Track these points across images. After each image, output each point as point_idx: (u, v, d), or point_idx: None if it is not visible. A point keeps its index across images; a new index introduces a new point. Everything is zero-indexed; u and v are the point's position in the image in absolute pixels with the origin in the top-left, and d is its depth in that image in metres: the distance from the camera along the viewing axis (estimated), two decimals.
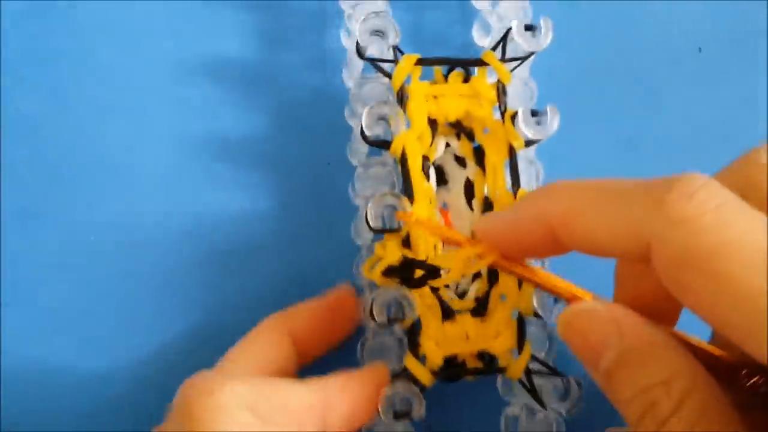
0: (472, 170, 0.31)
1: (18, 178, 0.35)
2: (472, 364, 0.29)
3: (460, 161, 0.31)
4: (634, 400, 0.21)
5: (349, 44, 0.32)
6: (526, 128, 0.30)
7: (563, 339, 0.24)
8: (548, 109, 0.30)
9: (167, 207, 0.35)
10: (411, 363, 0.28)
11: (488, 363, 0.29)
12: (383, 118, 0.29)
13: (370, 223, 0.28)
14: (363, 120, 0.28)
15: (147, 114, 0.35)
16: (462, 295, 0.30)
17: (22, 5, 0.36)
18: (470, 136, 0.31)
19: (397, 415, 0.27)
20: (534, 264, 0.26)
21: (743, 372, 0.23)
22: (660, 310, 0.24)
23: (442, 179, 0.31)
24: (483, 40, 0.34)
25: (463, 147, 0.31)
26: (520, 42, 0.30)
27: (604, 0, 0.36)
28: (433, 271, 0.28)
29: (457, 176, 0.31)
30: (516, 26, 0.30)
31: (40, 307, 0.34)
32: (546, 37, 0.30)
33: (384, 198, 0.28)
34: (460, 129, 0.31)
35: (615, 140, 0.35)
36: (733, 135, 0.35)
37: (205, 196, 0.34)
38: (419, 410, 0.27)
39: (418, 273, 0.28)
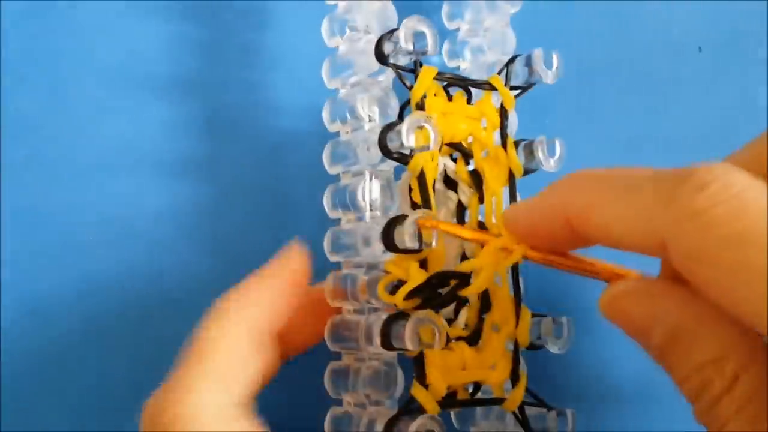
0: (466, 194, 0.30)
1: (18, 178, 0.35)
2: (462, 395, 0.29)
3: (451, 184, 0.30)
4: (689, 378, 0.21)
5: (342, 45, 0.30)
6: (543, 159, 0.30)
7: (609, 319, 0.23)
8: (557, 143, 0.30)
9: (167, 207, 0.35)
10: (419, 393, 0.27)
11: (473, 394, 0.29)
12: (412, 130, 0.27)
13: (407, 243, 0.26)
14: (404, 129, 0.26)
15: (147, 114, 0.35)
16: (449, 323, 0.29)
17: (22, 5, 0.36)
18: (466, 159, 0.30)
19: None
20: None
21: None
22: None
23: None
24: (454, 62, 0.33)
25: (459, 169, 0.30)
26: (540, 73, 0.30)
27: (603, 0, 0.36)
28: (464, 279, 0.27)
29: (442, 199, 0.30)
30: (536, 56, 0.30)
31: (40, 307, 0.34)
32: (557, 72, 0.30)
33: (418, 216, 0.27)
34: (458, 150, 0.30)
35: (615, 140, 0.35)
36: (733, 135, 0.34)
37: (205, 196, 0.35)
38: None
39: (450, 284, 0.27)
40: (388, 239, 0.27)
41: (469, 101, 0.30)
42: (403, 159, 0.28)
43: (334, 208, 0.30)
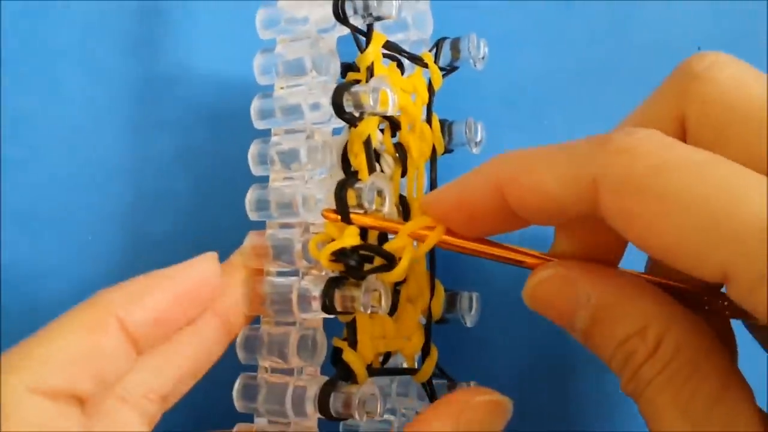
0: (389, 165, 0.30)
1: (18, 178, 0.35)
2: (376, 363, 0.28)
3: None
4: (615, 354, 0.22)
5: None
6: (469, 139, 0.31)
7: (532, 308, 0.24)
8: (479, 126, 0.31)
9: (166, 207, 0.35)
10: (351, 358, 0.27)
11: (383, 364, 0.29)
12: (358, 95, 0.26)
13: (365, 204, 0.26)
14: (369, 91, 0.26)
15: (146, 114, 0.36)
16: None
17: (22, 4, 0.37)
18: (393, 131, 0.30)
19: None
20: None
21: (704, 299, 0.24)
22: (604, 252, 0.24)
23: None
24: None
25: (385, 140, 0.30)
26: (471, 57, 0.31)
27: (603, 0, 0.36)
28: (391, 260, 0.26)
29: None
30: (471, 39, 0.31)
31: (40, 307, 0.34)
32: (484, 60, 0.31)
33: (378, 180, 0.26)
34: (388, 120, 0.29)
35: None
36: None
37: (204, 197, 0.35)
38: (382, 408, 0.27)
39: (378, 261, 0.27)
40: (341, 200, 0.26)
41: (401, 74, 0.30)
42: (352, 121, 0.27)
43: (261, 164, 0.28)
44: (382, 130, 0.30)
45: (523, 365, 0.33)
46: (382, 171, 0.30)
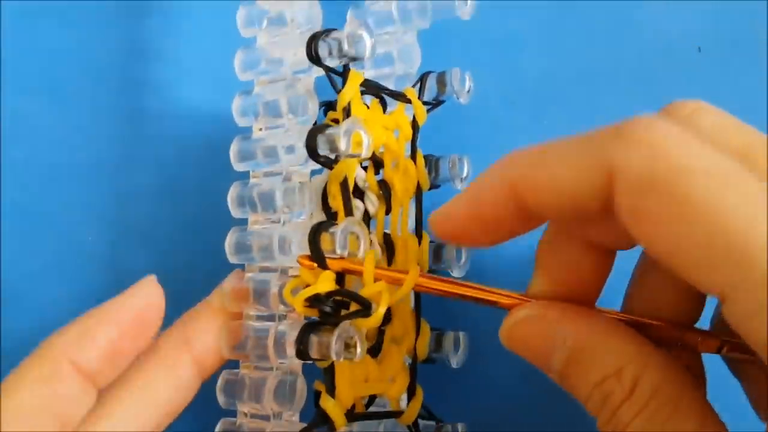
0: (373, 204, 0.29)
1: (18, 178, 0.35)
2: (360, 408, 0.28)
3: (357, 192, 0.29)
4: (591, 396, 0.22)
5: (260, 36, 0.29)
6: (453, 177, 0.30)
7: (509, 349, 0.24)
8: (465, 161, 0.31)
9: (166, 207, 0.35)
10: (329, 404, 0.26)
11: (367, 406, 0.29)
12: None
13: (337, 250, 0.25)
14: (341, 134, 0.25)
15: (146, 115, 0.36)
16: None
17: (22, 5, 0.37)
18: (376, 168, 0.30)
19: None
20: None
21: (677, 335, 0.23)
22: (582, 292, 0.24)
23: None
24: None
25: (369, 178, 0.29)
26: (456, 91, 0.30)
27: (603, 0, 0.36)
28: (367, 307, 0.26)
29: None
30: (454, 73, 0.30)
31: (40, 307, 0.34)
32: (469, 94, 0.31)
33: (351, 224, 0.26)
34: (371, 159, 0.29)
35: None
36: None
37: (203, 198, 0.35)
38: None
39: (353, 307, 0.26)
40: (314, 245, 0.26)
41: (384, 111, 0.30)
42: (328, 163, 0.27)
43: (240, 207, 0.28)
44: (365, 168, 0.30)
45: (512, 404, 0.33)
46: (366, 209, 0.29)
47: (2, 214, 0.35)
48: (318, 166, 0.27)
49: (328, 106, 0.30)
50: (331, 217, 0.28)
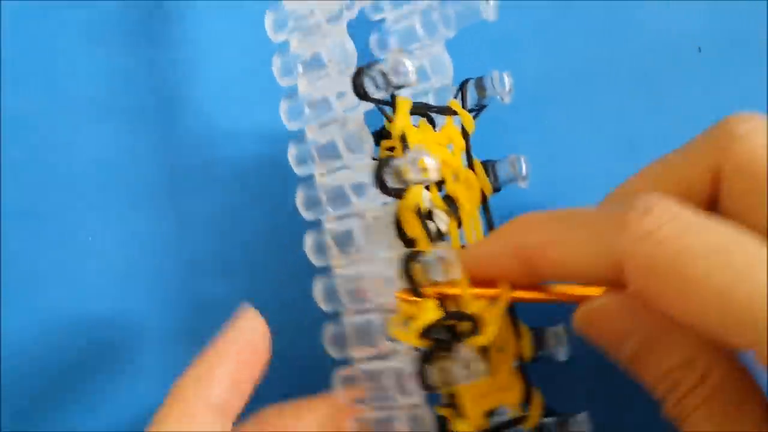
0: (444, 221, 0.29)
1: (18, 178, 0.35)
2: (486, 424, 0.28)
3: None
4: (660, 382, 0.24)
5: (300, 83, 0.29)
6: (518, 176, 0.30)
7: (582, 333, 0.25)
8: (522, 160, 0.31)
9: (166, 207, 0.35)
10: (462, 427, 0.27)
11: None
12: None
13: (435, 279, 0.26)
14: (409, 165, 0.26)
15: (146, 115, 0.36)
16: None
17: (22, 4, 0.37)
18: (438, 186, 0.30)
19: None
20: None
21: None
22: None
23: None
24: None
25: (433, 197, 0.29)
26: (498, 93, 0.30)
27: (602, 0, 0.36)
28: (478, 324, 0.26)
29: None
30: (494, 77, 0.30)
31: (40, 307, 0.34)
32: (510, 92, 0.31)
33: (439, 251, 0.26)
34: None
35: (615, 141, 0.35)
36: None
37: (201, 201, 0.35)
38: None
39: (465, 327, 0.26)
40: (409, 277, 0.26)
41: (433, 127, 0.30)
42: (399, 193, 0.27)
43: (319, 255, 0.28)
44: (427, 188, 0.30)
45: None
46: (438, 229, 0.29)
47: (2, 214, 0.35)
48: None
49: (377, 135, 0.29)
50: (410, 244, 0.28)
